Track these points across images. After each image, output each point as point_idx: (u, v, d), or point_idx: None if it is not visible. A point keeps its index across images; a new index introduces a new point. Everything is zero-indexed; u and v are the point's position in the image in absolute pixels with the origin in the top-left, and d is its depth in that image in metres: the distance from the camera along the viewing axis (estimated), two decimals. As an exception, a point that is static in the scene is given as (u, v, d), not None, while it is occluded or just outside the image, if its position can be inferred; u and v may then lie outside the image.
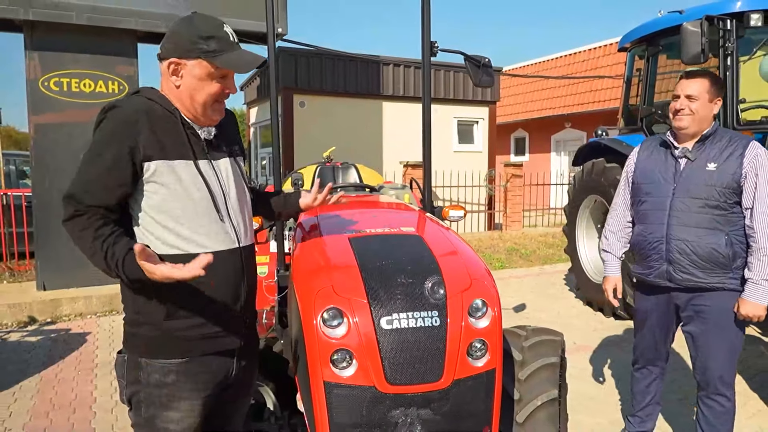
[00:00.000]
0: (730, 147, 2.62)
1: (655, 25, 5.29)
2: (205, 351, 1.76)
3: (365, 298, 1.85)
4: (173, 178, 1.68)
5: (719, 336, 2.69)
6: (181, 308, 1.71)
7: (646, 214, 2.81)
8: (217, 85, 1.74)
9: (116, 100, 1.74)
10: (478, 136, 12.61)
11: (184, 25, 1.72)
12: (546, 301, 6.70)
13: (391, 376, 1.79)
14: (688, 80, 2.69)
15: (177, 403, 1.73)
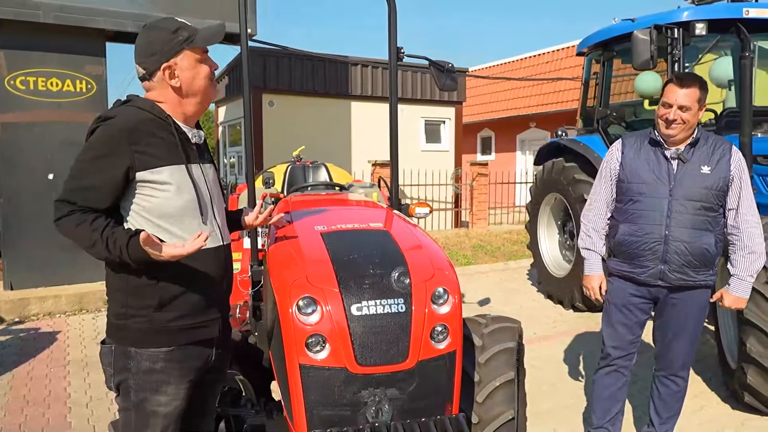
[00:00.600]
0: (718, 151, 2.71)
1: (610, 31, 5.59)
2: (190, 340, 1.89)
3: (337, 287, 2.02)
4: (165, 183, 1.80)
5: (688, 326, 2.84)
6: (170, 302, 1.84)
7: (639, 214, 2.77)
8: (206, 67, 1.91)
9: (110, 110, 1.87)
10: (445, 136, 12.87)
11: (150, 34, 1.86)
12: (509, 295, 6.97)
13: (361, 358, 1.96)
14: (681, 89, 2.64)
15: (165, 387, 1.85)
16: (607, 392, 3.01)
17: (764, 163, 4.36)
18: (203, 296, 1.90)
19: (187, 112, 1.93)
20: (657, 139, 2.76)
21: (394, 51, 3.41)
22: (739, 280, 2.75)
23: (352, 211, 3.04)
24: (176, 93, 1.88)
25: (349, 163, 10.92)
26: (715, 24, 4.73)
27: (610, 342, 2.99)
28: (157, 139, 1.80)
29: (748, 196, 2.71)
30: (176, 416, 1.89)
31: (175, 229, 1.84)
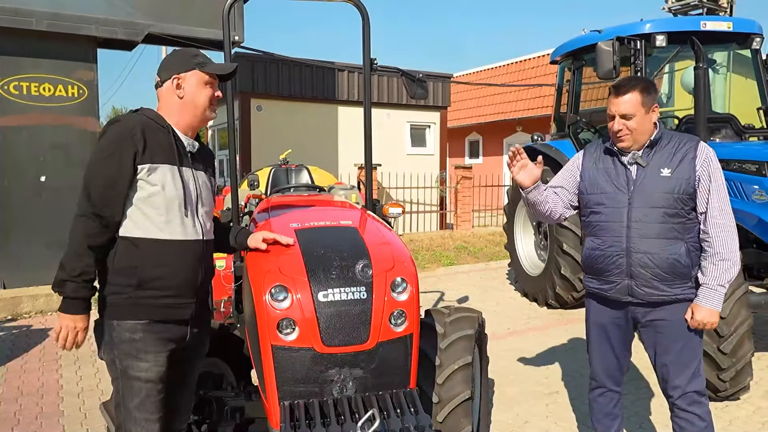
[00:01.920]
0: (681, 150, 2.49)
1: (579, 42, 5.88)
2: (165, 317, 2.14)
3: (306, 276, 2.27)
4: (158, 179, 2.09)
5: (681, 351, 2.52)
6: (148, 282, 2.09)
7: (601, 227, 2.60)
8: (210, 90, 2.23)
9: (118, 116, 2.19)
10: (430, 140, 13.15)
11: (174, 55, 2.27)
12: (488, 293, 7.23)
13: (327, 340, 2.21)
14: (617, 98, 2.49)
15: (145, 354, 2.09)
16: (603, 412, 2.81)
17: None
18: (179, 281, 2.15)
19: (185, 123, 2.22)
20: (611, 148, 2.59)
21: (367, 62, 3.66)
22: (708, 290, 2.45)
23: (327, 211, 3.28)
24: (179, 103, 2.20)
25: (336, 166, 11.17)
26: (674, 36, 5.03)
27: (596, 364, 2.78)
28: (157, 141, 2.11)
29: (719, 198, 2.44)
30: (158, 381, 2.12)
31: (160, 221, 2.11)
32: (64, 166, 6.77)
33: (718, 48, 5.51)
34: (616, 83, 2.55)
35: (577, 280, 5.85)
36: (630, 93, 2.46)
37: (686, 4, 12.04)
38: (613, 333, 2.69)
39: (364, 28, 3.63)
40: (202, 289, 2.29)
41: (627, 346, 2.73)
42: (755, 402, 3.87)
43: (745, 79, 5.63)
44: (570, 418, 3.73)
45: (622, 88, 2.49)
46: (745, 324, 3.58)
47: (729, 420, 3.61)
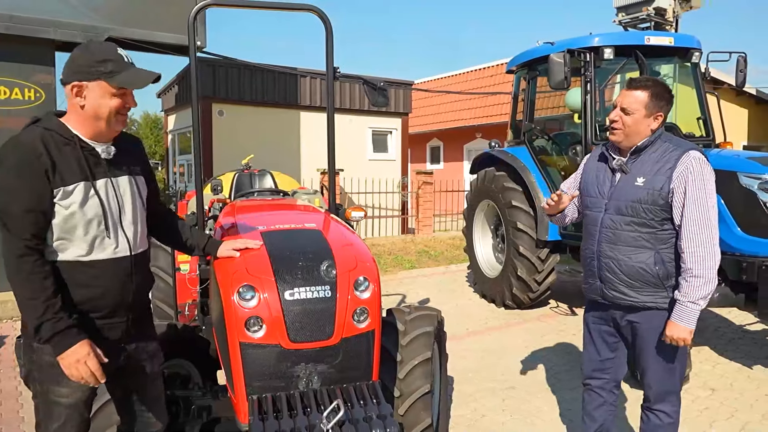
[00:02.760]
0: (663, 159, 2.46)
1: (533, 53, 6.14)
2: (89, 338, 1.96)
3: (272, 276, 2.37)
4: (72, 200, 1.92)
5: (655, 353, 2.56)
6: (68, 302, 1.93)
7: (585, 229, 2.71)
8: (117, 101, 1.97)
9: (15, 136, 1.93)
10: (392, 146, 13.34)
11: (82, 51, 1.97)
12: (448, 295, 7.43)
13: (293, 336, 2.32)
14: (628, 90, 2.50)
15: (66, 380, 1.94)
16: (585, 410, 2.88)
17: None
18: (107, 302, 2.02)
19: (92, 131, 1.99)
20: (605, 152, 2.64)
21: (330, 70, 3.79)
22: (680, 306, 2.41)
23: (291, 214, 3.39)
24: (80, 112, 1.96)
25: (298, 171, 11.23)
26: (620, 49, 5.33)
27: (583, 360, 2.90)
28: (64, 158, 1.91)
29: (696, 212, 2.37)
30: (80, 406, 2.03)
31: (78, 241, 1.96)
32: (20, 170, 6.65)
33: (662, 61, 5.85)
34: (635, 78, 2.58)
35: (533, 282, 6.10)
36: (640, 90, 2.46)
37: (635, 17, 12.56)
38: (596, 332, 2.76)
39: (327, 37, 3.76)
40: (136, 304, 2.15)
41: (610, 347, 2.73)
42: (694, 392, 4.14)
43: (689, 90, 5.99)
44: (525, 410, 3.92)
45: (637, 83, 2.50)
46: (683, 319, 3.83)
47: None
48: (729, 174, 4.33)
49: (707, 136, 5.67)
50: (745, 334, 5.52)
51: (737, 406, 3.91)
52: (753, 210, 4.18)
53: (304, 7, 3.74)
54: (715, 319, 6.02)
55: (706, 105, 5.74)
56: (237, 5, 3.72)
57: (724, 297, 4.39)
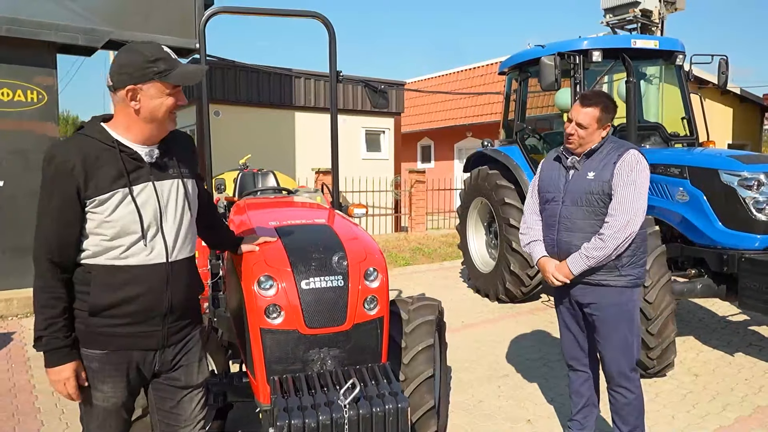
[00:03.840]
0: (608, 156, 2.83)
1: (525, 55, 6.36)
2: (122, 347, 1.99)
3: (289, 267, 2.56)
4: (106, 208, 1.90)
5: (611, 331, 2.88)
6: (101, 311, 1.94)
7: (545, 221, 3.05)
8: (172, 99, 1.95)
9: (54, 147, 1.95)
10: (385, 145, 13.54)
11: (130, 54, 1.91)
12: (443, 290, 7.64)
13: (309, 322, 2.50)
14: (581, 108, 2.84)
15: (101, 385, 1.99)
16: (572, 388, 3.22)
17: (647, 171, 5.16)
18: (136, 308, 1.97)
19: (141, 135, 1.97)
20: (559, 153, 3.01)
21: (334, 74, 3.98)
22: (578, 254, 2.84)
23: (300, 211, 3.57)
24: (133, 115, 1.93)
25: (294, 171, 11.40)
26: (608, 52, 5.55)
27: (562, 344, 3.24)
28: (101, 169, 1.90)
29: (625, 195, 2.74)
30: (115, 411, 2.04)
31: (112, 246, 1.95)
32: (23, 171, 6.77)
33: (648, 63, 6.09)
34: (584, 94, 2.95)
35: (525, 276, 6.32)
36: (592, 107, 2.82)
37: (622, 19, 12.89)
38: (567, 316, 3.12)
39: (330, 42, 3.95)
40: (174, 313, 2.07)
41: (583, 329, 3.09)
42: (679, 378, 4.38)
43: (674, 91, 6.23)
44: (519, 396, 4.14)
45: (587, 100, 2.86)
46: (668, 308, 4.08)
47: (655, 393, 4.10)
48: (711, 171, 4.58)
49: (691, 135, 5.92)
50: (727, 325, 5.78)
51: (719, 390, 4.15)
52: (733, 205, 4.42)
53: (309, 14, 3.93)
54: (700, 310, 6.28)
55: (690, 105, 5.98)
56: (245, 12, 3.89)
57: (707, 288, 4.64)
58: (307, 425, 2.18)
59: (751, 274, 4.27)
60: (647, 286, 4.06)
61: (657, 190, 5.09)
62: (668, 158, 5.06)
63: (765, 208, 4.32)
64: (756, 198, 4.34)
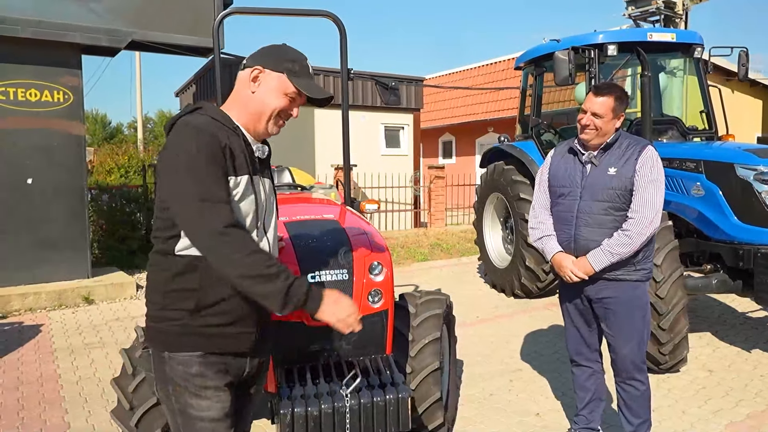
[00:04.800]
0: (628, 152, 2.83)
1: (540, 50, 6.34)
2: (222, 349, 1.83)
3: (296, 260, 2.64)
4: (237, 192, 1.78)
5: (627, 324, 2.89)
6: (206, 308, 1.79)
7: (558, 216, 2.98)
8: (285, 102, 1.87)
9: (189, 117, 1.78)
10: (404, 141, 13.57)
11: (275, 47, 1.92)
12: (459, 285, 7.67)
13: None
14: (595, 97, 2.83)
15: (204, 391, 1.79)
16: (577, 383, 3.21)
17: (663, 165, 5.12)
18: (239, 308, 1.83)
19: (250, 126, 1.88)
20: (574, 147, 2.96)
21: (345, 71, 4.05)
22: (599, 249, 2.81)
23: (310, 207, 3.65)
24: (247, 98, 1.85)
25: (314, 167, 11.51)
26: (624, 46, 5.51)
27: (567, 340, 3.21)
28: (235, 149, 1.79)
29: (648, 192, 2.76)
30: (224, 418, 1.83)
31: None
32: (49, 168, 7.00)
33: (665, 56, 6.03)
34: (598, 84, 2.93)
35: (541, 271, 6.32)
36: (606, 96, 2.82)
37: (645, 11, 12.69)
38: (574, 312, 3.09)
39: (341, 40, 4.02)
40: (263, 317, 1.94)
41: (589, 324, 3.07)
42: (692, 373, 4.35)
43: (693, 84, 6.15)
44: (530, 390, 4.16)
45: (601, 90, 2.85)
46: (680, 303, 4.06)
47: (668, 389, 4.08)
48: (726, 165, 4.53)
49: (710, 128, 5.84)
50: (746, 321, 5.71)
51: (733, 386, 4.12)
52: (749, 200, 4.37)
53: (320, 13, 4.00)
54: (719, 306, 6.21)
55: (709, 98, 5.90)
56: (258, 12, 3.98)
57: (723, 283, 4.59)
58: (309, 413, 2.25)
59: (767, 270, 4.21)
60: (659, 281, 4.05)
61: (673, 185, 5.05)
62: (684, 152, 5.01)
63: (781, 202, 4.26)
64: (772, 192, 4.27)
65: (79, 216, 7.27)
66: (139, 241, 9.06)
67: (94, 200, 9.17)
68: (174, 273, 1.78)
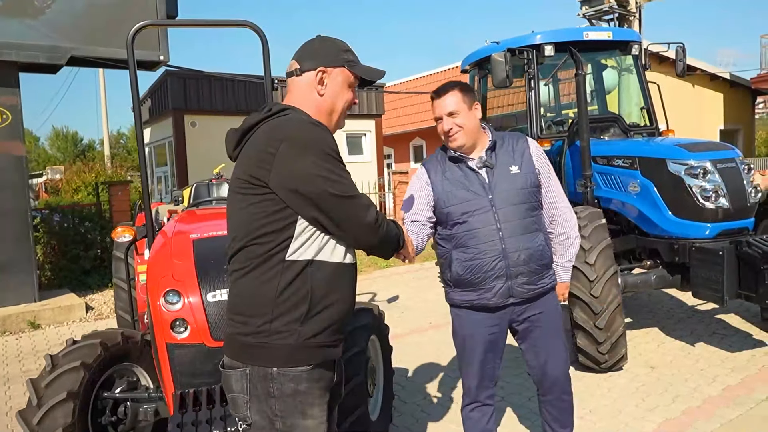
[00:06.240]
0: (517, 147, 2.58)
1: (481, 52, 6.32)
2: (326, 358, 1.76)
3: (196, 281, 2.55)
4: None
5: (555, 336, 2.63)
6: (317, 313, 1.71)
7: (470, 235, 2.50)
8: (351, 93, 1.90)
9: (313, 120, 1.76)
10: (367, 147, 13.54)
11: (323, 41, 1.90)
12: (418, 292, 7.62)
13: (215, 335, 2.50)
14: (440, 99, 2.54)
15: (311, 410, 1.72)
16: (477, 428, 2.72)
17: (602, 163, 5.14)
18: (342, 314, 1.78)
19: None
20: (456, 155, 2.57)
21: (269, 81, 3.96)
22: (560, 267, 2.66)
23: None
24: (317, 101, 1.84)
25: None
26: (561, 46, 5.51)
27: (471, 380, 2.67)
28: None
29: (556, 183, 2.63)
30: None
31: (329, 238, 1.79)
32: (-9, 190, 6.81)
33: (604, 55, 6.06)
34: (436, 89, 2.62)
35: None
36: (450, 92, 2.53)
37: (599, 10, 12.86)
38: (488, 343, 2.60)
39: (264, 50, 3.94)
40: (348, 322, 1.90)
41: (501, 354, 2.69)
42: (634, 371, 4.34)
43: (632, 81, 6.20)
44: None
45: (442, 90, 2.56)
46: (615, 301, 4.04)
47: (608, 388, 4.06)
48: (659, 161, 4.55)
49: (651, 125, 5.88)
50: (694, 314, 5.74)
51: (672, 381, 4.11)
52: (681, 194, 4.38)
53: (240, 23, 3.92)
54: (670, 300, 6.24)
55: (649, 95, 5.93)
56: (173, 25, 3.90)
57: (661, 279, 4.61)
58: (199, 440, 2.17)
59: (702, 263, 4.23)
60: (592, 280, 4.04)
61: (612, 182, 5.06)
62: (621, 150, 5.03)
63: (711, 196, 4.27)
64: (703, 186, 4.29)
65: (24, 239, 7.08)
66: (93, 260, 8.86)
67: (44, 221, 8.95)
68: (286, 281, 1.68)
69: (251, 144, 1.75)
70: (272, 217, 1.68)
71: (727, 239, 4.28)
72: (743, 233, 4.40)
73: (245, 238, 1.71)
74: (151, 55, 7.45)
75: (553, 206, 2.63)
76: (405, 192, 2.69)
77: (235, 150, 1.82)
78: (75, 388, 2.79)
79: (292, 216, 1.69)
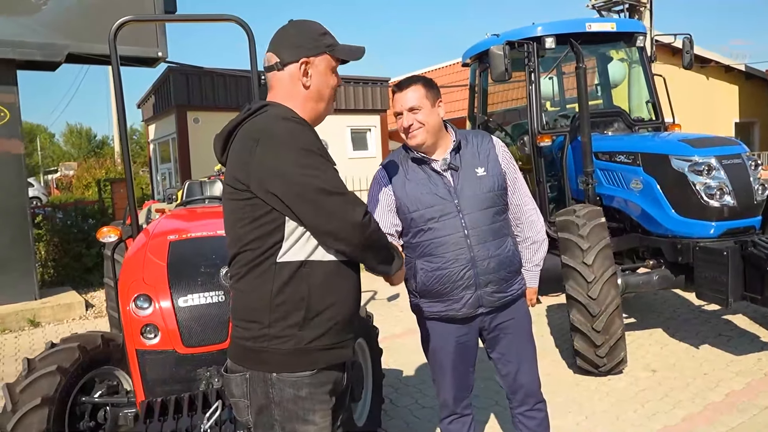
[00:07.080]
0: (482, 147, 2.42)
1: (481, 45, 6.18)
2: (328, 363, 1.70)
3: (167, 285, 2.47)
4: None
5: (527, 342, 2.52)
6: (316, 316, 1.66)
7: (436, 243, 2.34)
8: (335, 77, 1.82)
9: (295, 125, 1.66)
10: (371, 143, 13.40)
11: (299, 27, 1.80)
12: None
13: (187, 341, 2.41)
14: (401, 93, 2.37)
15: (312, 415, 1.67)
16: None
17: (604, 159, 4.98)
18: (345, 314, 1.73)
19: (311, 117, 1.78)
20: (419, 155, 2.39)
21: (255, 76, 3.88)
22: (527, 272, 2.54)
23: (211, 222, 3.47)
24: (303, 94, 1.76)
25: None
26: (562, 38, 5.35)
27: (447, 393, 2.54)
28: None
29: (522, 184, 2.50)
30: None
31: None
32: (-11, 188, 6.80)
33: (608, 47, 5.89)
34: (398, 82, 2.45)
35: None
36: (412, 87, 2.36)
37: (608, 1, 12.59)
38: (460, 354, 2.46)
39: (250, 45, 3.85)
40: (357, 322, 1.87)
41: (473, 363, 2.55)
42: (635, 374, 4.20)
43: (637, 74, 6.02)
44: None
45: (404, 84, 2.40)
46: (614, 303, 3.90)
47: (606, 392, 3.92)
48: (661, 157, 4.39)
49: (656, 119, 5.71)
50: (700, 314, 5.56)
51: (674, 386, 3.97)
52: (685, 192, 4.22)
53: (226, 18, 3.84)
54: (676, 300, 6.07)
55: (654, 88, 5.76)
56: (156, 20, 3.81)
57: (664, 279, 4.46)
58: (162, 452, 2.08)
59: (706, 264, 4.08)
60: (590, 281, 3.90)
61: (613, 179, 4.91)
62: (623, 145, 4.88)
63: (716, 193, 4.11)
64: (707, 183, 4.13)
65: (24, 236, 7.06)
66: (95, 258, 8.85)
67: (47, 219, 8.96)
68: (280, 283, 1.63)
69: (233, 147, 1.72)
70: (259, 221, 1.64)
71: (732, 239, 4.12)
72: (749, 232, 4.23)
73: (237, 244, 1.68)
74: (150, 51, 7.37)
75: (519, 209, 2.51)
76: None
77: (223, 155, 1.79)
78: (50, 393, 2.71)
79: (279, 218, 1.63)
